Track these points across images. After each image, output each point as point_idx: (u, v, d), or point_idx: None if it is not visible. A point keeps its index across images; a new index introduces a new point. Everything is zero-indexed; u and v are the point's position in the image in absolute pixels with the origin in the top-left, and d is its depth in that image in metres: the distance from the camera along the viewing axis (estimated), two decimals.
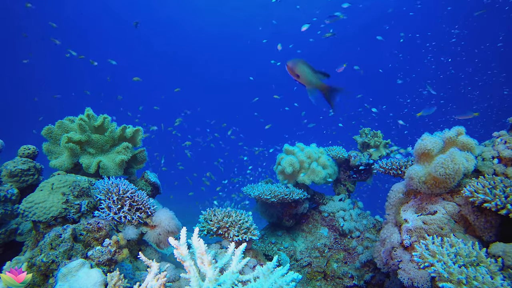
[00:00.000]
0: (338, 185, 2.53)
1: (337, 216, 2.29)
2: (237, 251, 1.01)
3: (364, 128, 2.58)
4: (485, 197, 1.13)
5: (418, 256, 1.08)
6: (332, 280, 2.01)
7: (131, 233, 1.39)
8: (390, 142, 2.57)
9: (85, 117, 1.76)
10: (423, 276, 1.18)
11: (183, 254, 0.90)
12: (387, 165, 1.88)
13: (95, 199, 1.42)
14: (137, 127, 1.94)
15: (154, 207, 1.51)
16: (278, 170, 2.31)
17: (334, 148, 2.46)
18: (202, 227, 1.51)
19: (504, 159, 1.39)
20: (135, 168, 1.99)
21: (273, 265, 0.95)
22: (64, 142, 1.64)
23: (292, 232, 2.31)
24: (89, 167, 1.67)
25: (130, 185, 1.49)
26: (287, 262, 2.02)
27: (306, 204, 2.28)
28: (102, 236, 1.23)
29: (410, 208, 1.44)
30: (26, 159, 1.66)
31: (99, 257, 1.09)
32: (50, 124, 1.78)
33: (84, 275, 0.96)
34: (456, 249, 1.05)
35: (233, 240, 1.43)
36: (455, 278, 0.92)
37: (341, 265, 2.06)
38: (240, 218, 1.51)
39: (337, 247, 2.16)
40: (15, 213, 1.51)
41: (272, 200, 2.01)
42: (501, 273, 0.97)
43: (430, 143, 1.41)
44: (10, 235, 1.51)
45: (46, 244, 1.08)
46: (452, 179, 1.30)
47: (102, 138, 1.82)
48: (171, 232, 1.46)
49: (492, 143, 1.52)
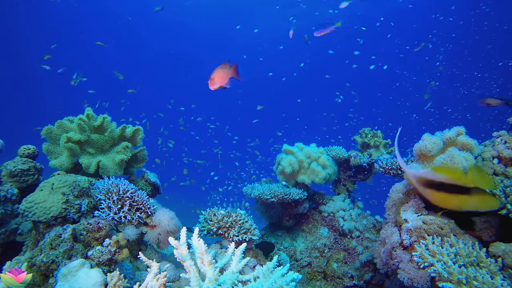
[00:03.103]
0: (338, 185, 2.53)
1: (337, 216, 2.29)
2: (237, 251, 1.01)
3: (364, 128, 2.58)
4: None
5: (418, 256, 1.08)
6: (332, 280, 2.01)
7: (131, 233, 1.39)
8: (390, 142, 2.58)
9: (84, 117, 1.76)
10: (423, 276, 1.18)
11: (183, 254, 0.90)
12: (387, 165, 1.88)
13: (95, 199, 1.42)
14: (137, 127, 1.94)
15: (154, 207, 1.51)
16: (278, 170, 2.31)
17: (334, 148, 2.46)
18: (202, 227, 1.51)
19: (504, 159, 1.39)
20: (135, 167, 1.99)
21: (273, 265, 0.95)
22: (64, 142, 1.64)
23: (292, 232, 2.31)
24: (89, 167, 1.67)
25: (130, 185, 1.49)
26: (287, 262, 2.02)
27: (306, 204, 2.28)
28: (102, 236, 1.23)
29: (410, 208, 1.44)
30: (26, 159, 1.66)
31: (99, 257, 1.09)
32: (49, 124, 1.78)
33: (84, 275, 0.96)
34: (456, 249, 1.05)
35: (233, 240, 1.43)
36: (455, 278, 0.92)
37: (341, 265, 2.06)
38: (240, 218, 1.51)
39: (337, 247, 2.16)
40: (15, 213, 1.51)
41: (272, 200, 2.01)
42: (501, 273, 0.97)
43: (430, 143, 1.41)
44: (10, 235, 1.51)
45: (46, 244, 1.08)
46: None
47: (101, 138, 1.82)
48: (171, 232, 1.46)
49: (492, 143, 1.52)
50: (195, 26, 15.16)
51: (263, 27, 12.79)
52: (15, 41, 15.10)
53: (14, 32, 14.87)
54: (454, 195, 0.87)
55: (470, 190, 0.84)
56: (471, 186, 0.84)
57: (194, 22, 14.83)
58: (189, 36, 16.25)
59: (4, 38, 14.66)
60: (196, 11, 13.79)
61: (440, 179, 0.89)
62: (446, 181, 0.87)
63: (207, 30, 15.27)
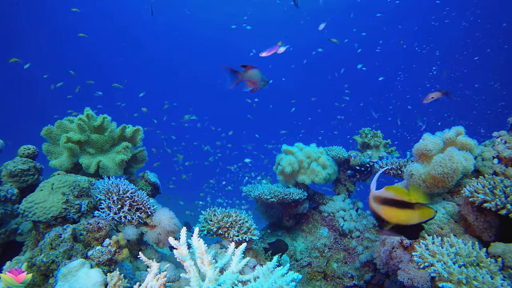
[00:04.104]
0: (338, 185, 2.53)
1: (337, 216, 2.29)
2: (237, 251, 1.01)
3: (364, 128, 2.58)
4: (485, 197, 1.13)
5: (418, 256, 1.08)
6: (332, 280, 2.01)
7: (131, 233, 1.39)
8: (390, 142, 2.58)
9: (84, 117, 1.76)
10: (423, 276, 1.18)
11: (183, 254, 0.90)
12: (387, 165, 1.88)
13: (95, 199, 1.42)
14: (137, 127, 1.94)
15: (154, 207, 1.51)
16: (278, 170, 2.31)
17: (334, 148, 2.46)
18: (202, 227, 1.51)
19: (504, 159, 1.39)
20: (135, 168, 1.99)
21: (273, 265, 0.95)
22: (64, 142, 1.64)
23: (292, 232, 2.31)
24: (89, 167, 1.67)
25: (130, 185, 1.49)
26: (287, 262, 2.02)
27: (306, 204, 2.28)
28: (102, 236, 1.23)
29: None
30: (26, 159, 1.66)
31: (99, 257, 1.09)
32: (49, 125, 1.78)
33: (84, 275, 0.96)
34: (456, 249, 1.05)
35: (233, 240, 1.43)
36: (455, 278, 0.92)
37: (341, 265, 2.06)
38: (240, 218, 1.51)
39: (337, 247, 2.16)
40: (15, 213, 1.51)
41: (272, 200, 2.01)
42: (501, 273, 0.97)
43: (430, 143, 1.41)
44: (10, 235, 1.51)
45: (46, 244, 1.08)
46: (451, 178, 1.30)
47: (101, 138, 1.82)
48: (171, 232, 1.46)
49: (492, 143, 1.52)
50: (193, 26, 15.19)
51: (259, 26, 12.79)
52: (15, 41, 15.09)
53: (14, 32, 14.86)
54: (402, 210, 1.00)
55: (413, 205, 0.98)
56: (414, 202, 0.99)
57: (194, 21, 14.86)
58: (189, 35, 16.29)
59: (4, 38, 14.65)
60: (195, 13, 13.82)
61: (391, 196, 1.02)
62: (396, 197, 1.01)
63: (205, 31, 15.31)
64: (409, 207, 0.99)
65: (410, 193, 0.99)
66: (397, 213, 1.01)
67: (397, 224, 1.02)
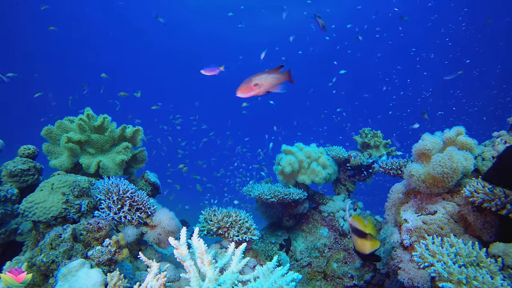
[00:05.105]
0: (338, 185, 2.53)
1: (337, 216, 2.29)
2: (237, 251, 1.01)
3: (364, 128, 2.58)
4: (485, 197, 1.13)
5: (418, 256, 1.08)
6: (332, 280, 2.01)
7: (131, 233, 1.39)
8: (390, 142, 2.58)
9: (84, 117, 1.76)
10: (423, 276, 1.18)
11: (183, 254, 0.90)
12: (387, 165, 1.88)
13: (95, 199, 1.42)
14: (137, 127, 1.94)
15: (154, 207, 1.51)
16: (278, 170, 2.31)
17: (334, 148, 2.47)
18: (202, 227, 1.51)
19: None
20: (135, 168, 1.99)
21: (273, 265, 0.95)
22: (64, 142, 1.64)
23: (292, 232, 2.31)
24: (89, 167, 1.67)
25: (130, 185, 1.49)
26: (287, 262, 2.02)
27: (306, 204, 2.28)
28: (102, 236, 1.23)
29: (410, 208, 1.44)
30: (26, 159, 1.66)
31: (99, 257, 1.09)
32: (49, 125, 1.78)
33: (84, 275, 0.96)
34: (456, 249, 1.05)
35: (233, 240, 1.43)
36: (455, 278, 0.92)
37: (341, 265, 2.06)
38: (240, 218, 1.51)
39: (337, 247, 2.16)
40: (15, 213, 1.51)
41: (272, 200, 2.01)
42: (501, 273, 0.97)
43: (430, 143, 1.41)
44: (10, 235, 1.51)
45: (46, 244, 1.08)
46: (451, 178, 1.30)
47: (102, 138, 1.82)
48: (171, 232, 1.46)
49: (492, 143, 1.52)
50: (195, 24, 15.19)
51: (262, 26, 12.78)
52: (15, 41, 15.09)
53: (14, 32, 14.86)
54: (360, 239, 1.07)
55: (367, 235, 1.05)
56: (367, 233, 1.05)
57: (194, 20, 14.85)
58: (189, 35, 16.28)
59: (4, 38, 14.65)
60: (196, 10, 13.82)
61: (356, 226, 1.07)
62: (359, 227, 1.06)
63: (208, 29, 15.30)
64: (364, 237, 1.05)
65: (367, 224, 1.05)
66: (357, 241, 1.09)
67: (357, 250, 1.09)
